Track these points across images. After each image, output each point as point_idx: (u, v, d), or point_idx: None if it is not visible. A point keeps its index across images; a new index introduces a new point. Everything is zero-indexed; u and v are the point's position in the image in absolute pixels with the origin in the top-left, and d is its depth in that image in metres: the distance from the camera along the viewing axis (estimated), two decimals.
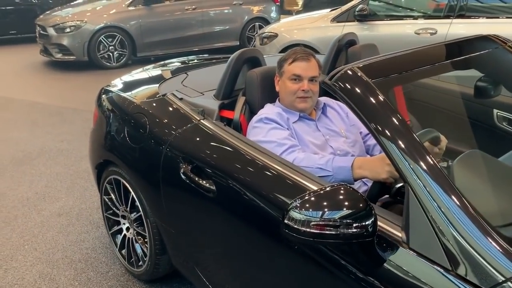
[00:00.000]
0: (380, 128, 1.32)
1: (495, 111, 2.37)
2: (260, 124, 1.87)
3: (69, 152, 4.09)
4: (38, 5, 9.62)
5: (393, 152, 1.26)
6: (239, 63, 2.11)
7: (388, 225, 1.26)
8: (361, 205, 1.17)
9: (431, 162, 1.22)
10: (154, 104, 2.17)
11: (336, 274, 1.32)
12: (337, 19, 5.38)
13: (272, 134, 1.81)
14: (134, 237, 2.36)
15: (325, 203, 1.18)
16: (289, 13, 10.76)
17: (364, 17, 5.16)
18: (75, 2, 8.38)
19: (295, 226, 1.18)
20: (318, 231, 1.16)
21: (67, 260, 2.59)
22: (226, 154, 1.75)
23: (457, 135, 2.17)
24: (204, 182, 1.75)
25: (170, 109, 2.08)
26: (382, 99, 1.38)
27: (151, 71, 2.90)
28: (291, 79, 1.91)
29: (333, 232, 1.16)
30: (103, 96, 2.55)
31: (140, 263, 2.33)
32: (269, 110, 1.93)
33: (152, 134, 2.05)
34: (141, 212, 2.18)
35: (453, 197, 1.16)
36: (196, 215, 1.88)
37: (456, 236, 1.12)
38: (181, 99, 2.12)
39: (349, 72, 1.47)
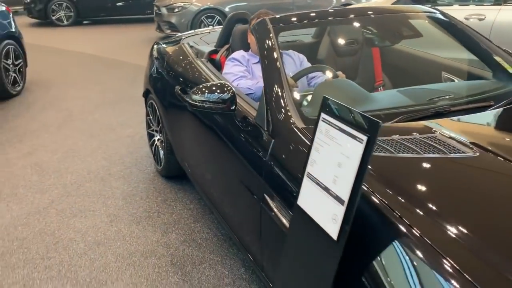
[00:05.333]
0: (264, 61, 2.10)
1: (442, 73, 2.90)
2: (228, 62, 2.72)
3: None
4: None
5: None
6: (231, 22, 2.97)
7: (252, 111, 2.05)
8: (230, 93, 1.98)
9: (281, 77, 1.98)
10: (174, 48, 3.14)
11: (221, 131, 2.16)
12: (397, 3, 5.82)
13: (232, 68, 2.65)
14: (159, 145, 3.37)
15: (208, 91, 2.01)
16: None
17: (419, 2, 5.54)
18: None
19: (192, 102, 2.04)
20: (201, 104, 2.01)
21: (121, 161, 3.71)
22: (198, 77, 2.64)
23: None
24: (185, 96, 2.65)
25: (180, 51, 3.02)
26: (272, 43, 2.14)
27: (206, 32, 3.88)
28: None
29: (211, 105, 2.00)
30: (154, 46, 3.58)
31: (161, 162, 3.34)
32: (237, 53, 2.76)
33: (168, 66, 3.02)
34: (161, 124, 3.17)
35: (285, 94, 1.92)
36: (181, 124, 2.80)
37: (275, 113, 1.88)
38: (191, 46, 3.06)
39: (262, 20, 2.26)
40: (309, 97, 2.17)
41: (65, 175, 3.50)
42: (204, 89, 2.03)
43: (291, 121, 1.81)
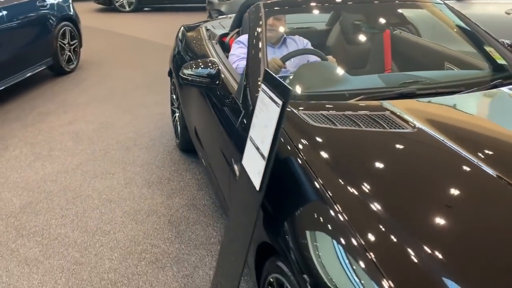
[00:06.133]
0: (251, 43, 2.31)
1: (445, 63, 2.96)
2: (234, 44, 2.94)
3: None
4: None
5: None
6: (244, 7, 3.18)
7: (236, 87, 2.27)
8: (215, 69, 2.22)
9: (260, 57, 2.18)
10: (193, 32, 3.41)
11: (212, 105, 2.40)
12: None
13: (236, 50, 2.88)
14: (178, 120, 3.67)
15: (196, 67, 2.25)
16: None
17: None
18: None
19: (183, 76, 2.29)
20: (191, 78, 2.26)
21: (148, 134, 4.07)
22: (203, 57, 2.90)
23: None
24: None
25: (197, 34, 3.29)
26: (260, 29, 2.34)
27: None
28: None
29: (199, 79, 2.24)
30: (180, 29, 3.88)
31: (179, 137, 3.64)
32: (243, 36, 2.97)
33: (185, 47, 3.30)
34: (178, 101, 3.47)
35: (261, 71, 2.12)
36: (189, 100, 3.06)
37: (249, 88, 2.09)
38: (207, 30, 3.31)
39: (257, 4, 2.46)
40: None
41: (96, 142, 3.90)
42: (194, 65, 2.28)
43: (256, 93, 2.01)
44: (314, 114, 1.81)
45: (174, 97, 3.74)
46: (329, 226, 1.32)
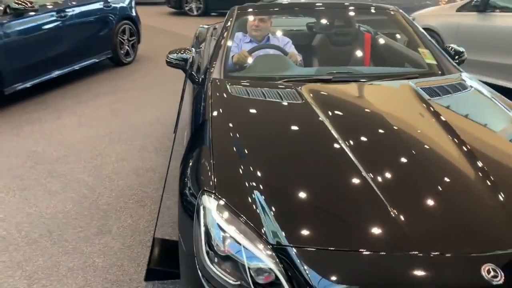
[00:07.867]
0: (219, 36, 2.97)
1: (405, 62, 3.43)
2: None
3: None
4: None
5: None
6: None
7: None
8: (189, 55, 2.91)
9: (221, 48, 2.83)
10: (204, 31, 4.16)
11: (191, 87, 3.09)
12: (460, 9, 6.00)
13: None
14: None
15: (177, 53, 2.96)
16: None
17: (478, 8, 5.66)
18: None
19: (167, 60, 3.01)
20: (174, 62, 2.96)
21: (171, 115, 4.84)
22: (200, 49, 3.60)
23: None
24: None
25: (205, 32, 4.06)
26: (227, 25, 2.99)
27: None
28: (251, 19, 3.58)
29: (178, 62, 2.94)
30: (198, 29, 4.62)
31: None
32: (236, 34, 3.64)
33: (196, 42, 4.04)
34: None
35: (219, 57, 2.77)
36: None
37: (208, 69, 2.75)
38: (214, 28, 4.02)
39: (233, 7, 3.12)
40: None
41: (128, 118, 4.76)
42: (175, 51, 2.99)
43: (211, 71, 2.66)
44: (239, 88, 2.43)
45: None
46: (203, 160, 1.95)
